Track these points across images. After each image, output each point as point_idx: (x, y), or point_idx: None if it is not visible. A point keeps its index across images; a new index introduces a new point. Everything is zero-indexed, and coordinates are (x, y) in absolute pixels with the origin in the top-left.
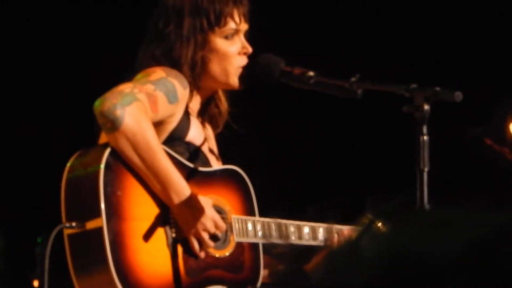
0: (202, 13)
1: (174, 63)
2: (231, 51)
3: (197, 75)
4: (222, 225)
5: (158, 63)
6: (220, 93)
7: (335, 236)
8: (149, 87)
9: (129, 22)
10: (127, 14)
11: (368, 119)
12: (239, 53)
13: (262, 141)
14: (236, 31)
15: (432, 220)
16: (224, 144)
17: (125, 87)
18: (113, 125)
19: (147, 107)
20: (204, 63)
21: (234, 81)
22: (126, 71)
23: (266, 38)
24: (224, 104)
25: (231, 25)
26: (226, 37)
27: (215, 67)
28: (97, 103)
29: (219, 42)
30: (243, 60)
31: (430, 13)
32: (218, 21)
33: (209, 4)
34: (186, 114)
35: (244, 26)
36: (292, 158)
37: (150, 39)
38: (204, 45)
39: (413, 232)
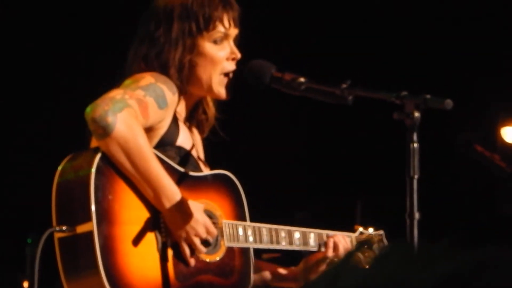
0: (191, 16)
1: (162, 66)
2: (219, 56)
3: (184, 78)
4: (213, 230)
5: (147, 66)
6: (208, 99)
7: (329, 242)
8: (139, 93)
9: (119, 26)
10: (119, 18)
11: (358, 125)
12: (227, 59)
13: (251, 146)
14: (225, 36)
15: (408, 255)
16: (213, 149)
17: (116, 94)
18: (105, 131)
19: (138, 113)
20: (192, 66)
21: (218, 90)
22: (116, 74)
23: (257, 43)
24: (211, 110)
25: (220, 29)
26: (215, 42)
27: (201, 72)
28: (88, 109)
29: (207, 46)
30: (231, 66)
31: (420, 20)
32: (207, 25)
33: (199, 7)
34: (174, 119)
35: (233, 31)
36: (281, 163)
37: (140, 42)
38: (193, 49)
39: (389, 267)
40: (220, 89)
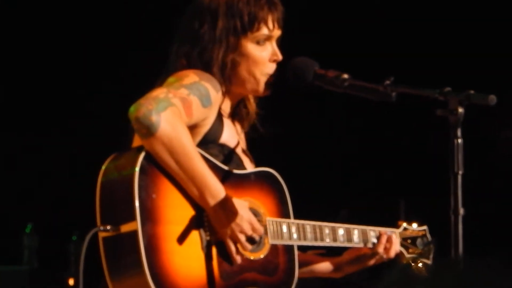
0: (236, 15)
1: (205, 64)
2: (262, 57)
3: (227, 77)
4: (259, 227)
5: (190, 63)
6: (249, 95)
7: (383, 238)
8: (183, 91)
9: (160, 24)
10: (160, 16)
11: (402, 122)
12: (269, 60)
13: (294, 143)
14: (268, 37)
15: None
16: (257, 145)
17: (160, 92)
18: (149, 131)
19: (181, 112)
20: (234, 66)
21: (258, 88)
22: (158, 72)
23: (300, 41)
24: (252, 105)
25: (264, 31)
26: (258, 43)
27: (243, 72)
28: (132, 109)
29: (250, 46)
30: (272, 67)
31: (461, 15)
32: (251, 25)
33: (244, 6)
34: (219, 116)
35: (276, 33)
36: (325, 161)
37: (182, 39)
38: (236, 48)
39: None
40: (260, 87)
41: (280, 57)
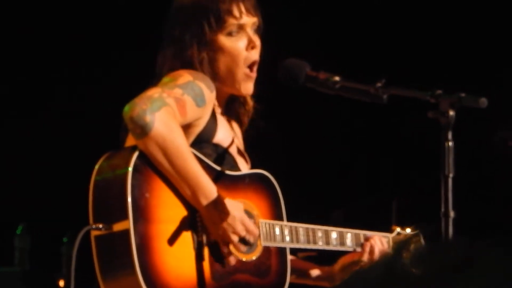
0: (204, 14)
1: (187, 66)
2: (237, 48)
3: (210, 75)
4: (253, 229)
5: (175, 65)
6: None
7: (366, 246)
8: (177, 91)
9: (147, 24)
10: (146, 17)
11: (394, 124)
12: (246, 49)
13: (288, 145)
14: (240, 26)
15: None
16: (251, 147)
17: (154, 92)
18: (143, 131)
19: (175, 112)
20: (212, 63)
21: (243, 86)
22: (152, 70)
23: (291, 42)
24: (249, 103)
25: (231, 21)
26: (230, 34)
27: (222, 67)
28: (126, 108)
29: (223, 40)
30: (253, 55)
31: (453, 16)
32: (217, 20)
33: (208, 4)
34: (213, 115)
35: (248, 20)
36: (318, 162)
37: (165, 44)
38: (208, 44)
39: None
40: (245, 85)
41: (257, 42)
